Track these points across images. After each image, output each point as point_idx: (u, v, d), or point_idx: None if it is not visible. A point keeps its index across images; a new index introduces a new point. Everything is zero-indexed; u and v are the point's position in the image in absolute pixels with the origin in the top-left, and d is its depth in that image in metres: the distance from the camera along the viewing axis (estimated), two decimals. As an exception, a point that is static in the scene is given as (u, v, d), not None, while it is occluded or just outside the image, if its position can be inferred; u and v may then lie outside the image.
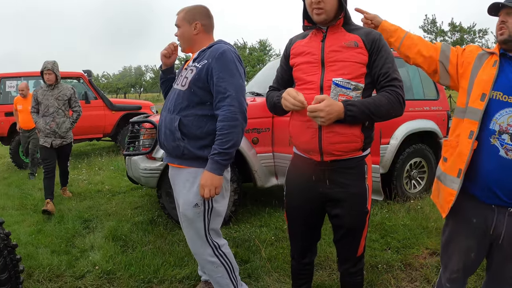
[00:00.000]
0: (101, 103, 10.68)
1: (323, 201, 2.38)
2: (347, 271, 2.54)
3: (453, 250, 2.28)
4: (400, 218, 4.74)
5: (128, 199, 6.25)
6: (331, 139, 2.21)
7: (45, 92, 5.90)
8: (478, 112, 2.06)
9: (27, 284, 3.50)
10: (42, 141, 5.89)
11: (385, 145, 5.35)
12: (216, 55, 2.61)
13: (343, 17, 2.28)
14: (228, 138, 2.53)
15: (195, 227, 2.74)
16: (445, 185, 2.21)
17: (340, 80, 2.17)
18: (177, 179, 2.80)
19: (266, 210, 5.20)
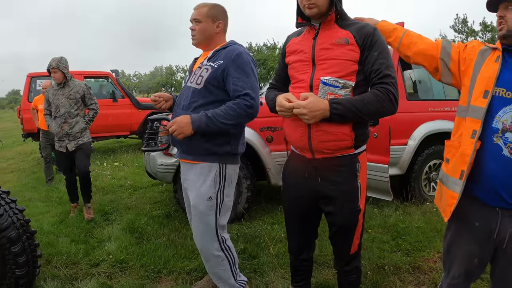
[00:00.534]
0: (128, 101, 10.94)
1: (316, 197, 2.40)
2: (342, 269, 2.58)
3: (455, 255, 2.21)
4: (414, 221, 4.70)
5: (148, 194, 6.42)
6: (320, 137, 2.22)
7: (55, 91, 5.33)
8: (480, 110, 1.98)
9: (45, 269, 3.68)
10: (57, 146, 5.37)
11: (403, 146, 5.30)
12: (233, 56, 2.69)
13: (335, 12, 2.25)
14: (228, 118, 2.62)
15: (206, 220, 2.82)
16: (447, 188, 2.14)
17: (328, 78, 2.17)
18: (189, 173, 2.88)
19: (279, 208, 5.26)
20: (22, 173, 9.22)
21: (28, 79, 10.27)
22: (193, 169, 2.85)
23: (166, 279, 3.52)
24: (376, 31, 2.22)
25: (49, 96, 5.35)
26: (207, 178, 2.79)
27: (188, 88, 2.82)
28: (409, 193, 5.52)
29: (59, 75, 5.22)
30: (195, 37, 2.91)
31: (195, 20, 2.87)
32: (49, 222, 5.10)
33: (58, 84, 5.30)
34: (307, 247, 2.67)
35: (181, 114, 2.76)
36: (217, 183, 2.81)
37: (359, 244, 2.51)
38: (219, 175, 2.81)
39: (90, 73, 10.92)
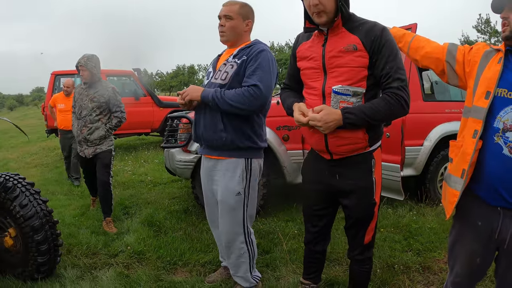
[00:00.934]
0: (150, 100, 11.12)
1: (334, 192, 2.54)
2: (354, 258, 2.70)
3: (459, 253, 2.23)
4: (427, 221, 4.72)
5: (167, 190, 6.58)
6: (336, 142, 2.36)
7: (82, 90, 4.91)
8: (482, 110, 2.01)
9: (65, 258, 3.84)
10: (78, 149, 5.02)
11: (419, 147, 5.30)
12: (255, 52, 2.79)
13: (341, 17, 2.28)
14: (233, 99, 2.71)
15: (235, 214, 2.94)
16: (449, 186, 2.18)
17: (339, 87, 2.26)
18: (215, 169, 2.98)
19: (294, 205, 5.34)
20: (45, 168, 9.48)
21: (52, 77, 10.53)
22: (218, 165, 2.95)
23: (181, 270, 3.65)
24: (384, 32, 2.25)
25: (75, 94, 4.98)
26: (235, 173, 2.89)
27: (213, 84, 2.89)
28: (423, 194, 5.53)
29: (87, 74, 4.81)
30: (225, 34, 2.94)
31: (226, 17, 2.91)
32: (70, 215, 5.29)
33: (85, 83, 4.90)
34: (323, 238, 2.80)
35: (206, 110, 2.86)
36: (244, 178, 2.92)
37: (373, 235, 2.63)
38: (246, 170, 2.92)
39: (113, 71, 11.14)
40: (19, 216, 3.25)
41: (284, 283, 3.35)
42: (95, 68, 4.82)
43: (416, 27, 4.70)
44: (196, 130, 3.00)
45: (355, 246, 2.66)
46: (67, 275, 3.52)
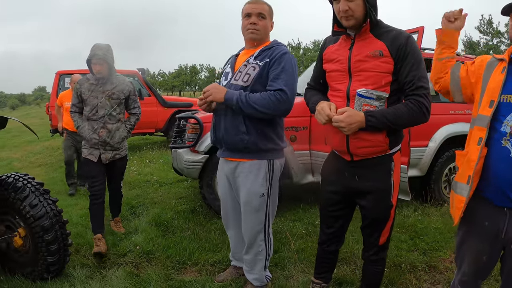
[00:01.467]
0: (154, 100, 11.16)
1: (352, 193, 2.60)
2: (368, 259, 2.75)
3: (466, 252, 2.28)
4: (433, 221, 4.77)
5: (174, 190, 6.61)
6: (357, 143, 2.41)
7: (93, 87, 4.22)
8: (486, 118, 2.07)
9: (74, 258, 3.88)
10: (86, 153, 4.29)
11: (424, 148, 5.36)
12: (278, 55, 2.81)
13: (369, 22, 2.35)
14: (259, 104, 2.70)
15: (258, 215, 2.98)
16: (456, 193, 2.23)
17: (364, 90, 2.31)
18: (236, 172, 2.98)
19: (301, 205, 5.40)
20: (49, 167, 9.51)
21: (57, 77, 10.54)
22: (240, 167, 2.96)
23: (191, 270, 3.69)
24: (410, 40, 2.31)
25: (82, 91, 4.22)
26: (258, 175, 2.92)
27: (233, 86, 2.88)
28: (428, 194, 5.58)
29: (105, 67, 4.18)
30: (259, 33, 2.90)
31: (260, 15, 2.88)
32: (77, 214, 5.32)
33: (98, 78, 4.23)
34: (337, 240, 2.85)
35: (226, 111, 2.86)
36: (267, 179, 2.95)
37: (388, 237, 2.68)
38: (269, 171, 2.95)
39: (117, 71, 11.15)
40: (29, 216, 3.28)
41: (294, 282, 3.38)
42: (113, 61, 4.27)
43: (423, 30, 4.72)
44: (216, 132, 2.98)
45: (370, 246, 2.71)
46: (76, 275, 3.55)
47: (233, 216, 3.23)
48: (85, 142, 4.32)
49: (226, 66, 3.13)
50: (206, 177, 4.93)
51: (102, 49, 4.14)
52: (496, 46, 31.61)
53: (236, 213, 3.21)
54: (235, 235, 3.33)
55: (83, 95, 4.23)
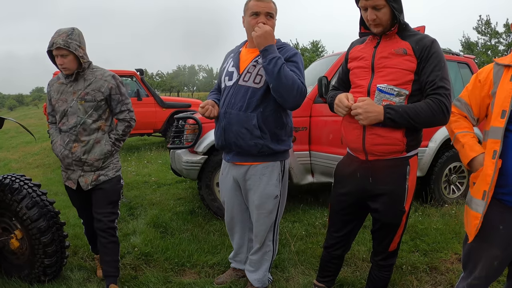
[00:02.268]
0: (152, 100, 11.14)
1: (365, 196, 2.55)
2: (376, 263, 2.72)
3: (478, 257, 2.24)
4: (433, 222, 4.75)
5: (172, 191, 6.56)
6: (373, 140, 2.37)
7: (62, 87, 3.17)
8: (499, 130, 2.05)
9: (72, 260, 3.84)
10: (64, 177, 3.30)
11: (424, 148, 5.34)
12: (290, 55, 2.77)
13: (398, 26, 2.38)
14: (290, 86, 2.61)
15: (271, 217, 2.96)
16: (471, 209, 2.19)
17: (384, 86, 2.30)
18: (247, 174, 2.92)
19: (300, 206, 5.38)
20: (47, 168, 9.44)
21: (54, 77, 10.48)
22: (251, 170, 2.90)
23: (190, 272, 3.65)
24: (434, 43, 2.32)
25: (51, 94, 3.22)
26: (271, 177, 2.88)
27: (243, 87, 2.80)
28: (428, 195, 5.55)
29: (69, 60, 3.01)
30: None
31: (269, 15, 2.79)
32: (74, 216, 5.20)
33: (67, 76, 3.14)
34: (344, 244, 2.81)
35: (238, 115, 2.77)
36: (280, 180, 2.92)
37: (398, 243, 2.64)
38: (281, 172, 2.93)
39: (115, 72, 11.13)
40: (25, 218, 3.23)
41: (294, 284, 3.35)
42: (81, 49, 3.06)
43: (424, 30, 4.69)
44: (225, 137, 2.86)
45: (379, 252, 2.69)
46: (73, 277, 3.50)
47: (240, 219, 3.19)
48: (61, 163, 3.28)
49: (227, 64, 3.01)
50: (205, 178, 4.89)
51: (61, 35, 2.98)
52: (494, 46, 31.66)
53: (243, 216, 3.18)
54: (240, 237, 3.29)
55: (52, 100, 3.20)
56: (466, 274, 2.36)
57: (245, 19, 2.87)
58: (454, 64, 5.91)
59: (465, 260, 2.35)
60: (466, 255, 2.33)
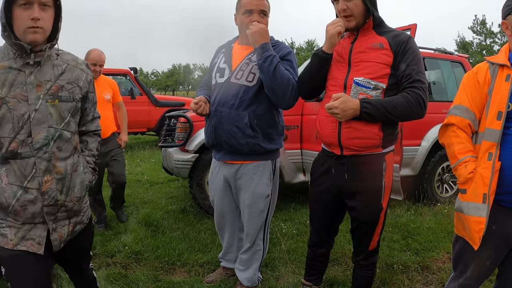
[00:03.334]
0: (146, 99, 11.10)
1: (342, 193, 2.53)
2: (358, 263, 2.70)
3: (470, 258, 2.22)
4: (425, 221, 4.75)
5: (165, 189, 6.54)
6: (349, 134, 2.35)
7: (11, 75, 1.82)
8: (496, 133, 2.02)
9: (62, 258, 3.78)
10: (15, 240, 1.89)
11: (416, 147, 5.34)
12: (285, 53, 2.74)
13: (372, 20, 2.39)
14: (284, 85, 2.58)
15: (262, 216, 2.93)
16: (469, 215, 2.11)
17: (361, 79, 2.31)
18: (238, 173, 2.89)
19: (292, 205, 5.37)
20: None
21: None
22: (242, 169, 2.87)
23: (180, 270, 3.62)
24: (410, 39, 2.34)
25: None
26: (263, 176, 2.86)
27: (235, 85, 2.75)
28: (421, 194, 5.55)
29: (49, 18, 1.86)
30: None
31: (262, 12, 2.73)
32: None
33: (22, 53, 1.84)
34: (327, 242, 2.81)
35: (230, 113, 2.72)
36: (271, 179, 2.90)
37: (378, 241, 2.62)
38: (272, 171, 2.90)
39: (109, 70, 11.10)
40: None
41: (284, 283, 3.33)
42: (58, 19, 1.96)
43: (416, 28, 4.69)
44: (215, 136, 2.81)
45: (359, 251, 2.67)
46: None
47: (231, 218, 3.17)
48: (3, 217, 1.92)
49: (218, 60, 2.95)
50: (196, 177, 4.86)
51: None
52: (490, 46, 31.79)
53: (233, 215, 3.15)
54: (229, 236, 3.27)
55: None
56: (456, 274, 2.34)
57: (238, 17, 2.82)
58: (448, 63, 5.92)
59: (456, 260, 2.34)
60: (457, 255, 2.32)
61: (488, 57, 2.22)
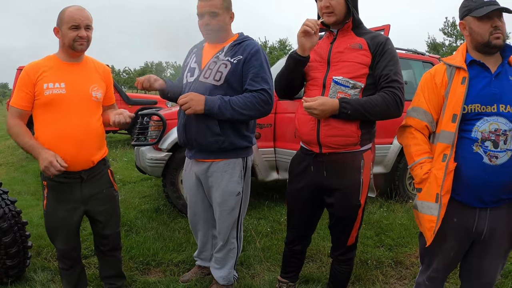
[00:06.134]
0: (118, 97, 10.92)
1: (320, 190, 2.56)
2: (336, 258, 2.73)
3: (434, 250, 2.28)
4: (398, 218, 4.82)
5: (138, 189, 6.47)
6: (327, 132, 2.38)
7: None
8: (450, 135, 2.08)
9: (35, 261, 3.71)
10: None
11: (388, 145, 5.42)
12: (252, 51, 2.70)
13: (352, 21, 2.43)
14: (244, 107, 2.61)
15: (234, 214, 2.91)
16: (423, 213, 2.19)
17: (340, 78, 2.35)
18: (209, 171, 2.87)
19: (266, 203, 5.38)
20: (10, 167, 9.16)
21: (18, 72, 10.19)
22: (213, 167, 2.85)
23: (155, 270, 3.59)
24: (388, 41, 2.40)
25: None
26: (233, 174, 2.84)
27: (203, 84, 2.73)
28: (393, 191, 5.63)
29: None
30: (213, 33, 2.72)
31: (211, 14, 2.68)
32: (38, 215, 5.11)
33: None
34: (304, 239, 2.83)
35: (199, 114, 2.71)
36: (242, 177, 2.88)
37: (356, 237, 2.66)
38: (243, 169, 2.88)
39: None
40: (-16, 220, 2.82)
41: (260, 280, 3.34)
42: None
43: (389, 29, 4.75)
44: (186, 134, 2.81)
45: (338, 247, 2.70)
46: (37, 278, 3.39)
47: (203, 216, 3.15)
48: None
49: (189, 60, 2.96)
50: (170, 175, 4.82)
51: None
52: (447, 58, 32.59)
53: (206, 214, 3.13)
54: (203, 235, 3.25)
55: None
56: (424, 267, 2.41)
57: None
58: (419, 63, 6.02)
59: (422, 254, 2.41)
60: (423, 249, 2.38)
61: (445, 58, 2.28)
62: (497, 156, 2.02)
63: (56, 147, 2.51)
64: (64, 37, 2.54)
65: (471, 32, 2.13)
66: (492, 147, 2.03)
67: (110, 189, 2.86)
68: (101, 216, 2.82)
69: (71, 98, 2.56)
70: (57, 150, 2.51)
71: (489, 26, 2.05)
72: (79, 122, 2.56)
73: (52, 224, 2.71)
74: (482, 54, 2.13)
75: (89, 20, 2.57)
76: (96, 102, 2.71)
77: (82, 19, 2.52)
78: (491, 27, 2.05)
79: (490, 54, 2.12)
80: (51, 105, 2.50)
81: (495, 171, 2.03)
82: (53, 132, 2.53)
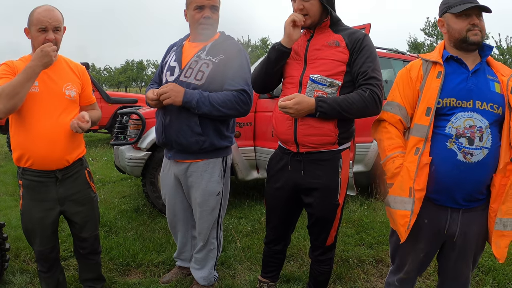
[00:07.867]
0: (98, 95, 10.78)
1: (298, 190, 2.54)
2: (316, 258, 2.71)
3: (405, 252, 2.28)
4: (378, 216, 4.85)
5: (117, 189, 6.39)
6: (305, 131, 2.35)
7: None
8: (423, 128, 2.06)
9: (14, 264, 3.63)
10: None
11: (369, 144, 5.45)
12: (234, 51, 2.68)
13: (330, 19, 2.40)
14: (222, 105, 2.58)
15: (214, 214, 2.89)
16: (395, 208, 2.15)
17: (317, 76, 2.31)
18: (189, 171, 2.84)
19: (246, 202, 5.37)
20: (-11, 168, 9.00)
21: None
22: (193, 166, 2.82)
23: (135, 272, 3.55)
24: (366, 37, 2.36)
25: None
26: (213, 174, 2.81)
27: (184, 83, 2.68)
28: (374, 189, 5.67)
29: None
30: (213, 28, 2.72)
31: (212, 8, 2.68)
32: (16, 217, 4.99)
33: None
34: (284, 239, 2.81)
35: (179, 113, 2.66)
36: (222, 177, 2.86)
37: (335, 237, 2.65)
38: (223, 168, 2.86)
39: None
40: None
41: (240, 280, 3.32)
42: None
43: (370, 27, 4.76)
44: (165, 135, 2.76)
45: (317, 247, 2.68)
46: (16, 281, 3.32)
47: (183, 217, 3.12)
48: None
49: (169, 58, 2.90)
50: (149, 175, 4.77)
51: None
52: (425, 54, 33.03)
53: (185, 214, 3.10)
54: (183, 235, 3.22)
55: None
56: (394, 268, 2.41)
57: (188, 13, 2.76)
58: (400, 62, 6.06)
59: (393, 255, 2.40)
60: (393, 250, 2.38)
61: (422, 54, 2.27)
62: (472, 154, 1.99)
63: (29, 145, 2.48)
64: (34, 39, 2.51)
65: (449, 29, 2.13)
66: (467, 144, 1.99)
67: (87, 190, 2.80)
68: (78, 218, 2.76)
69: (44, 97, 2.51)
70: (30, 148, 2.47)
71: (467, 23, 2.06)
72: (53, 121, 2.51)
73: (29, 224, 2.66)
74: (460, 51, 2.14)
75: (58, 21, 2.50)
76: (70, 101, 2.62)
77: (50, 21, 2.46)
78: (469, 24, 2.06)
79: (468, 51, 2.12)
80: (24, 104, 2.44)
81: (469, 169, 2.00)
82: (26, 130, 2.48)
